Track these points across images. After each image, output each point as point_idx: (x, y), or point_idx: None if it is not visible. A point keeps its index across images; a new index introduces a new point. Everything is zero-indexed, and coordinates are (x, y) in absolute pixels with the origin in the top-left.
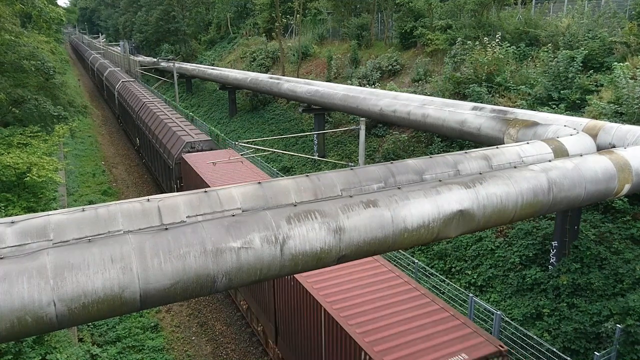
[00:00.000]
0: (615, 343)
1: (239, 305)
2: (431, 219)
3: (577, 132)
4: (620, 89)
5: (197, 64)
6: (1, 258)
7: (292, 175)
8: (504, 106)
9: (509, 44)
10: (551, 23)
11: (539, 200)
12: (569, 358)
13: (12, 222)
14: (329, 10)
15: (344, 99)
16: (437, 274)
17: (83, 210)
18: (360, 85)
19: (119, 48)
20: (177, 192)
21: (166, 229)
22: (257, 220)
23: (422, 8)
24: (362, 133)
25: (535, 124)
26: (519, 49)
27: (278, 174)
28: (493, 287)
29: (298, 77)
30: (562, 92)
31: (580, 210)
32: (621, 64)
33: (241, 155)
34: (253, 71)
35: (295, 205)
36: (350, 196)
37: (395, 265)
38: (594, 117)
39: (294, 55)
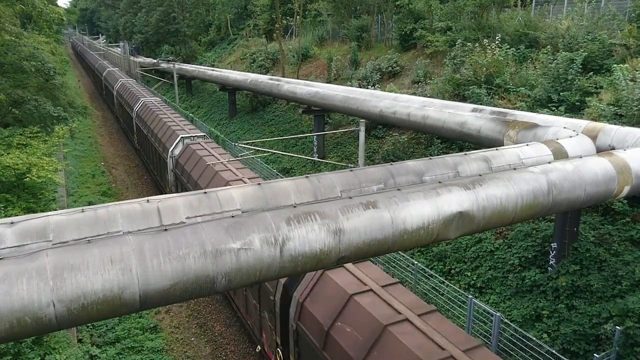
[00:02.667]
0: (614, 345)
1: None
2: (431, 220)
3: (577, 134)
4: (620, 91)
5: (197, 65)
6: (1, 259)
7: (291, 176)
8: (504, 108)
9: (508, 46)
10: (551, 25)
11: (539, 201)
12: None
13: (12, 223)
14: (329, 12)
15: (344, 100)
16: (437, 276)
17: (82, 211)
18: (360, 87)
19: (119, 49)
20: None
21: (166, 230)
22: (257, 221)
23: (422, 10)
24: (362, 134)
25: (534, 125)
26: (518, 50)
27: (278, 175)
28: (492, 289)
29: (298, 78)
30: (561, 94)
31: (580, 212)
32: (621, 65)
33: (241, 156)
34: (253, 72)
35: (294, 207)
36: (350, 197)
37: (394, 266)
38: (594, 119)
39: (293, 56)
